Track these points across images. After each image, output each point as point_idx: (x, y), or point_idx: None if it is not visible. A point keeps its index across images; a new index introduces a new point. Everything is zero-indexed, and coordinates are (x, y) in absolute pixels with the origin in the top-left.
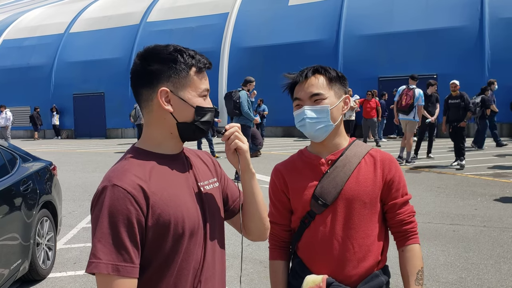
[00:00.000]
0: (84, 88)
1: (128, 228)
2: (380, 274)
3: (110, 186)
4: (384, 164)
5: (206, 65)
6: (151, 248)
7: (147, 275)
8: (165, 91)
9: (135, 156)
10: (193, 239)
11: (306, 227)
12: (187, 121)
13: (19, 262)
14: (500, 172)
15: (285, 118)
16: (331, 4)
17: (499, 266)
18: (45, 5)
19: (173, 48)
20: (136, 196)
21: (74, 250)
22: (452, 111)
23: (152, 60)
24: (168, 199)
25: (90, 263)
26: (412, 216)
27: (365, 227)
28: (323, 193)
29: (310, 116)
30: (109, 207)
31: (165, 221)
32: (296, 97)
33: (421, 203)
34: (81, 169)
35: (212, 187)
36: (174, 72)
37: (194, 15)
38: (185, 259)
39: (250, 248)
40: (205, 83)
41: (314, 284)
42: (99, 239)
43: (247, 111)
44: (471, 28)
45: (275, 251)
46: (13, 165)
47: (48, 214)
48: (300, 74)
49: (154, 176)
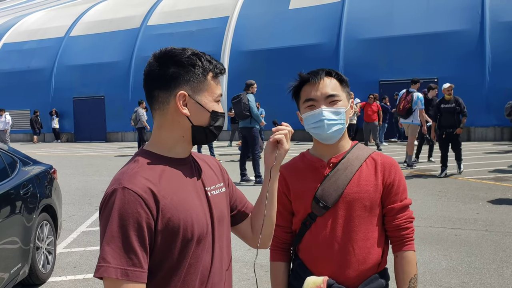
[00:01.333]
0: (84, 91)
1: (138, 232)
2: (379, 276)
3: (120, 189)
4: (385, 168)
5: (222, 70)
6: (159, 252)
7: (155, 280)
8: (183, 95)
9: (145, 158)
10: (201, 244)
11: (307, 229)
12: (202, 125)
13: (19, 266)
14: (502, 176)
15: (285, 121)
16: (331, 8)
17: (502, 270)
18: (45, 9)
19: (191, 52)
20: (147, 199)
21: (74, 254)
22: (446, 117)
23: (170, 62)
24: (178, 203)
25: (99, 267)
26: (410, 222)
27: (365, 229)
28: (324, 196)
29: (329, 117)
30: (119, 210)
31: (174, 225)
32: (310, 97)
33: (423, 207)
34: (81, 173)
35: (219, 192)
36: (192, 76)
37: (194, 18)
38: (193, 264)
39: (251, 252)
40: (219, 88)
41: (314, 285)
42: (108, 242)
43: (257, 113)
44: (472, 32)
45: (276, 252)
46: (13, 168)
47: (48, 218)
48: (314, 74)
49: (164, 179)
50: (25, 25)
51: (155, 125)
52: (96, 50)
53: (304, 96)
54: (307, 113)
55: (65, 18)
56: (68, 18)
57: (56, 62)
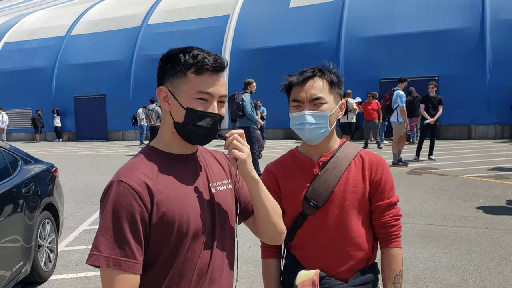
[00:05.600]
0: (85, 90)
1: (131, 224)
2: (369, 270)
3: (116, 182)
4: (372, 166)
5: (206, 67)
6: (155, 245)
7: (152, 273)
8: (165, 90)
9: (147, 154)
10: (199, 239)
11: (298, 227)
12: (179, 121)
13: (21, 264)
14: (502, 174)
15: (286, 120)
16: (332, 6)
17: (501, 268)
18: (46, 8)
19: (183, 49)
20: (141, 192)
21: (76, 252)
22: None
23: (163, 59)
24: (174, 198)
25: (91, 255)
26: (396, 219)
27: (355, 226)
28: (314, 195)
29: (310, 121)
30: (113, 202)
31: (169, 219)
32: (296, 98)
33: (423, 205)
34: (83, 171)
35: (225, 188)
36: (173, 72)
37: (195, 17)
38: (190, 259)
39: (252, 250)
40: (206, 85)
41: (307, 278)
42: (102, 232)
43: (250, 112)
44: (472, 30)
45: (267, 250)
46: (15, 167)
47: (49, 216)
48: (301, 75)
49: (162, 175)
50: (26, 24)
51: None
52: (97, 49)
53: (292, 96)
54: (292, 113)
55: (66, 17)
56: (69, 17)
57: (57, 61)
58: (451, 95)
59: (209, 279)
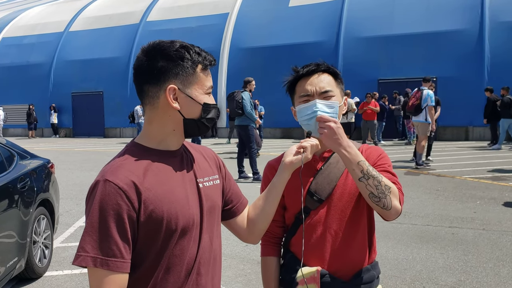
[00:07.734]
0: (83, 87)
1: (118, 223)
2: (371, 268)
3: (102, 181)
4: (369, 154)
5: (211, 62)
6: (143, 243)
7: (140, 271)
8: (173, 89)
9: (133, 151)
10: (187, 235)
11: (300, 223)
12: (193, 118)
13: (15, 260)
14: (499, 176)
15: (284, 119)
16: (331, 6)
17: (498, 269)
18: (45, 3)
19: (179, 45)
20: (128, 191)
21: (71, 249)
22: None
23: (159, 56)
24: (162, 195)
25: (77, 256)
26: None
27: (357, 221)
28: (318, 189)
29: (322, 109)
30: (100, 202)
31: (157, 217)
32: (304, 93)
33: (420, 206)
34: (79, 168)
35: (212, 184)
36: (181, 69)
37: (194, 15)
38: (178, 255)
39: (248, 248)
40: (209, 80)
41: (308, 275)
42: (89, 232)
43: (249, 111)
44: (471, 32)
45: (268, 247)
46: (11, 162)
47: (45, 212)
48: (310, 69)
49: (150, 172)
50: (25, 19)
51: (146, 120)
52: (95, 45)
53: (300, 91)
54: (301, 105)
55: (65, 13)
56: (67, 13)
57: (55, 57)
58: (449, 96)
59: (197, 274)
